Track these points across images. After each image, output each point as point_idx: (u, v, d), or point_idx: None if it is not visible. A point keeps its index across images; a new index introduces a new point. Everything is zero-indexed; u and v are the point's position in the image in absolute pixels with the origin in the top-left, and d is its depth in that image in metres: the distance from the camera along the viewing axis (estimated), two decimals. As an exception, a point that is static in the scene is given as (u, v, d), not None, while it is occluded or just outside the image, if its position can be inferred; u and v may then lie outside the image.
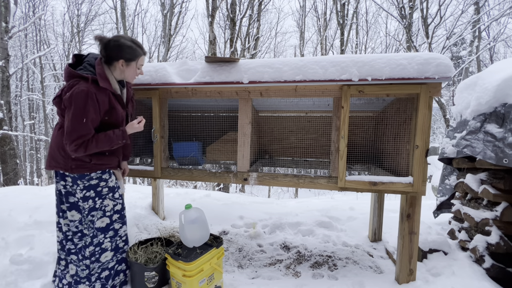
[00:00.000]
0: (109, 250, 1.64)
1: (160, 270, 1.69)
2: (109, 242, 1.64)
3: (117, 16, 13.88)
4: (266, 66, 1.84)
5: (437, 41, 8.53)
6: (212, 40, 7.75)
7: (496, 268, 1.80)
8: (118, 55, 1.50)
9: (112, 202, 1.65)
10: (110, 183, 1.64)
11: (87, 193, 1.56)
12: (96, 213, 1.59)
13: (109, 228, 1.64)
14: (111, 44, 1.50)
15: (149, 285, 1.65)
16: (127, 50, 1.52)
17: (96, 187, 1.58)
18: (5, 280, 1.77)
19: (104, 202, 1.61)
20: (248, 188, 11.21)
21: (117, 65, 1.53)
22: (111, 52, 1.50)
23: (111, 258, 1.65)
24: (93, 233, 1.60)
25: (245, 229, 2.83)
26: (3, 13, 6.31)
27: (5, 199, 2.78)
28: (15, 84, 17.00)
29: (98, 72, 1.48)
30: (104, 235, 1.62)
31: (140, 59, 1.59)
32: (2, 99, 6.54)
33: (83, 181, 1.55)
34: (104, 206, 1.61)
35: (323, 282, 1.95)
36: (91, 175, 1.55)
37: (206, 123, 2.64)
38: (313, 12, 15.20)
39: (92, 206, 1.58)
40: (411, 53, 1.74)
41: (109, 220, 1.64)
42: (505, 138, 1.63)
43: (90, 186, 1.56)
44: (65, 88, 1.48)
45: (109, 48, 1.50)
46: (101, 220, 1.61)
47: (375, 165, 2.33)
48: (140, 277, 1.65)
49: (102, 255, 1.62)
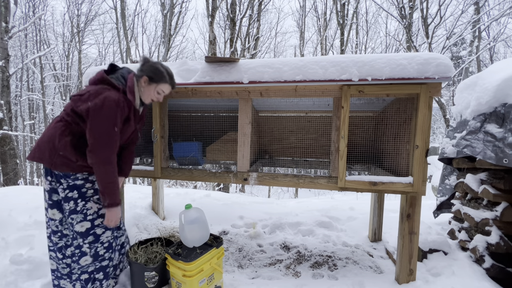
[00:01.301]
0: (88, 255, 1.55)
1: (160, 270, 1.69)
2: (88, 248, 1.54)
3: (117, 16, 13.88)
4: (266, 66, 1.84)
5: (437, 41, 8.53)
6: (212, 40, 7.75)
7: (496, 268, 1.80)
8: (145, 73, 1.57)
9: (97, 205, 1.56)
10: (96, 185, 1.55)
11: (69, 193, 1.48)
12: (75, 216, 1.50)
13: (88, 233, 1.53)
14: (149, 63, 1.60)
15: (149, 285, 1.64)
16: (155, 71, 1.58)
17: (81, 188, 1.50)
18: (5, 280, 1.77)
19: (87, 204, 1.52)
20: (248, 188, 11.21)
21: (141, 81, 1.59)
22: (142, 69, 1.59)
23: (91, 263, 1.56)
24: (73, 235, 1.54)
25: (245, 229, 2.83)
26: (3, 13, 6.31)
27: (5, 199, 2.78)
28: (15, 84, 17.01)
29: (128, 85, 1.54)
30: (83, 239, 1.52)
31: (162, 85, 1.61)
32: (2, 99, 6.54)
33: (67, 180, 1.47)
34: (86, 209, 1.51)
35: (323, 282, 1.95)
36: (77, 175, 1.49)
37: (206, 123, 2.64)
38: (313, 12, 15.22)
39: (72, 209, 1.49)
40: (411, 53, 1.74)
41: (90, 225, 1.53)
42: (505, 138, 1.63)
43: (74, 186, 1.49)
44: (92, 91, 1.45)
45: (143, 65, 1.59)
46: (81, 225, 1.51)
47: (375, 165, 2.33)
48: (140, 277, 1.64)
49: (82, 259, 1.54)
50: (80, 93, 1.49)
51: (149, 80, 1.58)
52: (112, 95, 1.43)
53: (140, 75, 1.58)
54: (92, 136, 1.40)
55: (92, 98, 1.42)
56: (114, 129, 1.43)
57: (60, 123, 1.48)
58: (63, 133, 1.45)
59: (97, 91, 1.45)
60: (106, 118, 1.40)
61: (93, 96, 1.43)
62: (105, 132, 1.41)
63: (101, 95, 1.42)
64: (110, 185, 1.44)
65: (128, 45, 12.58)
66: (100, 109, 1.39)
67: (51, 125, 1.50)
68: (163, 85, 1.61)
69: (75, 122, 1.46)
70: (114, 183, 1.46)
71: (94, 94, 1.44)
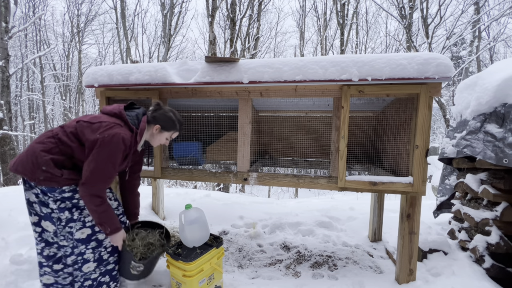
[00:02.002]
0: (92, 261, 1.49)
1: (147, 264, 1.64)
2: (91, 253, 1.48)
3: (117, 16, 13.88)
4: (266, 66, 1.84)
5: (437, 41, 8.54)
6: (212, 40, 7.75)
7: (496, 268, 1.80)
8: (159, 121, 1.62)
9: None
10: None
11: (61, 204, 1.43)
12: (74, 225, 1.44)
13: (90, 239, 1.48)
14: (161, 110, 1.64)
15: (133, 272, 1.62)
16: (168, 121, 1.64)
17: (71, 199, 1.44)
18: (5, 280, 1.77)
19: (83, 212, 1.47)
20: (248, 188, 11.21)
21: (152, 128, 1.62)
22: (156, 116, 1.62)
23: (94, 270, 1.50)
24: (73, 244, 1.47)
25: (245, 229, 2.83)
26: (3, 13, 6.31)
27: (5, 199, 2.78)
28: (15, 84, 17.01)
29: (141, 128, 1.56)
30: (85, 246, 1.47)
31: (173, 134, 1.70)
32: (2, 99, 6.54)
33: (54, 194, 1.42)
34: (83, 217, 1.46)
35: (323, 282, 1.95)
36: (63, 188, 1.42)
37: (206, 123, 2.64)
38: (313, 12, 15.22)
39: (69, 218, 1.44)
40: (411, 53, 1.74)
41: (91, 231, 1.48)
42: (505, 138, 1.63)
43: (63, 198, 1.43)
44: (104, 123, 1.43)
45: (157, 112, 1.63)
46: (81, 232, 1.45)
47: (375, 165, 2.33)
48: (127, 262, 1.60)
49: (85, 266, 1.48)
50: (91, 120, 1.46)
51: (161, 128, 1.63)
52: (123, 133, 1.42)
53: (152, 121, 1.62)
54: (89, 169, 1.37)
55: (102, 131, 1.40)
56: (114, 167, 1.42)
57: (51, 139, 1.43)
58: (49, 150, 1.39)
59: (109, 124, 1.43)
60: (110, 155, 1.39)
61: (104, 128, 1.41)
62: (104, 168, 1.39)
63: (112, 130, 1.40)
64: (104, 215, 1.42)
65: (128, 45, 12.59)
66: (107, 145, 1.37)
67: (40, 139, 1.44)
68: (173, 133, 1.70)
69: (69, 145, 1.42)
70: (107, 212, 1.43)
71: (105, 127, 1.42)
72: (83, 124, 1.44)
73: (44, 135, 1.46)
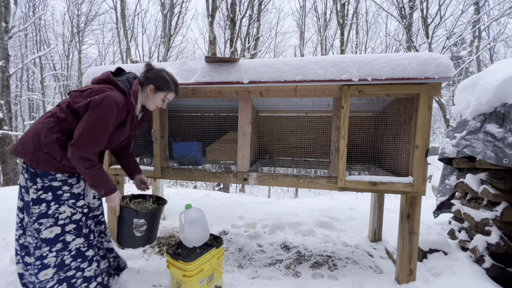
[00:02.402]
0: (51, 267, 1.38)
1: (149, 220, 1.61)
2: (53, 257, 1.38)
3: (117, 16, 13.88)
4: (266, 66, 1.84)
5: (437, 41, 8.54)
6: (212, 40, 7.75)
7: (496, 268, 1.80)
8: (152, 81, 1.57)
9: (71, 209, 1.42)
10: (75, 189, 1.44)
11: (42, 195, 1.36)
12: (45, 221, 1.36)
13: (58, 240, 1.38)
14: (153, 70, 1.60)
15: (136, 234, 1.58)
16: (161, 80, 1.59)
17: (56, 190, 1.39)
18: (5, 280, 1.77)
19: (60, 208, 1.39)
20: (248, 188, 11.21)
21: (146, 89, 1.58)
22: (148, 76, 1.58)
23: (52, 277, 1.38)
24: (36, 244, 1.37)
25: (245, 229, 2.83)
26: (3, 13, 6.31)
27: (5, 199, 2.78)
28: (15, 84, 17.01)
29: (133, 89, 1.52)
30: (49, 247, 1.37)
31: (168, 94, 1.64)
32: (2, 99, 6.54)
33: (44, 180, 1.36)
34: (58, 213, 1.38)
35: (323, 282, 1.95)
36: (56, 176, 1.38)
37: (206, 123, 2.64)
38: (313, 12, 15.22)
39: (43, 212, 1.36)
40: (411, 53, 1.74)
41: (60, 230, 1.39)
42: (505, 138, 1.63)
43: (49, 187, 1.37)
44: (94, 88, 1.41)
45: (148, 73, 1.59)
46: (50, 230, 1.37)
47: (375, 165, 2.33)
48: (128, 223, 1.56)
49: (42, 272, 1.36)
50: (81, 89, 1.43)
51: (155, 88, 1.58)
52: (114, 95, 1.38)
53: (145, 83, 1.57)
54: (79, 131, 1.33)
55: (93, 95, 1.38)
56: (105, 130, 1.37)
57: (50, 118, 1.40)
58: (51, 129, 1.37)
59: (99, 88, 1.41)
60: (100, 117, 1.34)
61: (95, 93, 1.39)
62: (94, 130, 1.34)
63: (103, 93, 1.37)
64: (95, 177, 1.39)
65: (128, 45, 12.59)
66: (97, 106, 1.34)
67: (40, 120, 1.42)
68: (169, 94, 1.64)
69: (67, 120, 1.39)
70: (98, 175, 1.40)
71: (96, 91, 1.39)
72: (73, 94, 1.42)
73: (43, 116, 1.44)
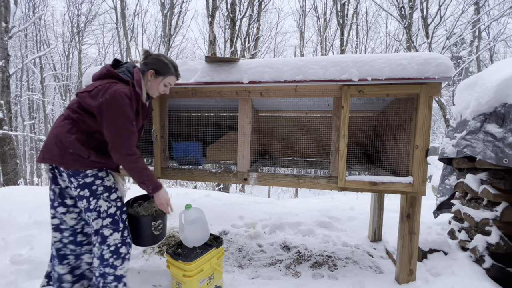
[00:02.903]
0: (96, 258, 1.49)
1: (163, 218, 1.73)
2: (96, 248, 1.48)
3: (117, 16, 13.87)
4: (266, 66, 1.84)
5: (437, 41, 8.53)
6: (212, 40, 7.75)
7: (496, 268, 1.80)
8: (151, 66, 1.57)
9: (106, 203, 1.48)
10: (106, 182, 1.50)
11: (81, 192, 1.44)
12: (90, 214, 1.47)
13: (98, 232, 1.48)
14: (151, 56, 1.59)
15: (156, 233, 1.69)
16: (161, 64, 1.58)
17: (91, 186, 1.45)
18: (5, 280, 1.77)
19: (98, 202, 1.47)
20: (248, 188, 11.21)
21: (147, 76, 1.58)
22: (147, 62, 1.58)
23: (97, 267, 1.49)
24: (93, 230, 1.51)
25: (245, 229, 2.83)
26: (3, 13, 6.31)
27: (5, 199, 2.78)
28: (15, 84, 17.01)
29: (136, 79, 1.53)
30: (96, 237, 1.49)
31: (169, 78, 1.63)
32: (2, 99, 6.53)
33: (77, 179, 1.43)
34: (98, 207, 1.46)
35: (323, 282, 1.95)
36: (86, 172, 1.44)
37: (206, 123, 2.64)
38: (313, 12, 15.22)
39: (86, 207, 1.46)
40: (411, 53, 1.74)
41: (101, 223, 1.47)
42: (505, 138, 1.63)
43: (84, 184, 1.44)
44: (99, 86, 1.42)
45: (148, 59, 1.58)
46: (96, 222, 1.47)
47: (375, 165, 2.33)
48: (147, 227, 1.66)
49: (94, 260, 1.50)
50: (87, 89, 1.45)
51: (155, 73, 1.57)
52: (122, 88, 1.40)
53: (145, 69, 1.57)
54: (110, 133, 1.38)
55: (102, 94, 1.39)
56: (130, 121, 1.40)
57: (65, 121, 1.44)
58: (69, 131, 1.41)
59: (105, 86, 1.41)
60: (120, 112, 1.37)
61: (103, 91, 1.39)
62: (122, 126, 1.38)
63: (111, 90, 1.38)
64: (144, 172, 1.45)
65: (128, 45, 12.59)
66: (112, 104, 1.36)
67: (56, 124, 1.46)
68: (170, 77, 1.63)
69: (82, 119, 1.43)
70: (146, 169, 1.46)
71: (103, 89, 1.40)
72: (82, 95, 1.44)
73: (58, 120, 1.47)
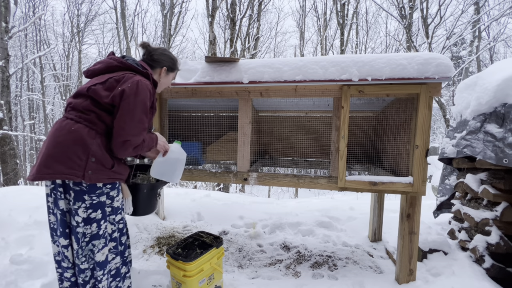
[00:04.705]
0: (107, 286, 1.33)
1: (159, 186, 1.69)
2: (106, 280, 1.30)
3: (117, 16, 13.87)
4: (266, 66, 1.84)
5: (437, 41, 8.53)
6: (212, 40, 7.75)
7: (496, 268, 1.80)
8: (163, 63, 1.52)
9: (112, 226, 1.32)
10: (115, 203, 1.32)
11: (92, 214, 1.22)
12: (97, 243, 1.24)
13: (107, 261, 1.29)
14: (159, 51, 1.52)
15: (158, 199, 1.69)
16: (171, 60, 1.56)
17: (104, 206, 1.26)
18: (5, 280, 1.77)
19: (107, 226, 1.29)
20: (248, 188, 11.21)
21: (158, 72, 1.52)
22: (158, 58, 1.50)
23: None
24: (93, 266, 1.27)
25: (245, 229, 2.83)
26: (3, 13, 6.31)
27: (5, 199, 2.78)
28: (15, 84, 17.00)
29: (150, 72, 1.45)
30: (102, 271, 1.27)
31: (177, 73, 1.62)
32: (2, 99, 6.53)
33: (92, 196, 1.21)
34: (106, 232, 1.28)
35: (323, 282, 1.95)
36: (103, 189, 1.25)
37: (206, 123, 2.64)
38: (313, 12, 15.20)
39: (95, 233, 1.23)
40: (411, 53, 1.74)
41: (107, 251, 1.30)
42: (505, 138, 1.63)
43: (98, 204, 1.23)
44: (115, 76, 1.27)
45: (156, 54, 1.50)
46: (102, 252, 1.26)
47: (375, 165, 2.33)
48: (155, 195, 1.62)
49: None
50: (99, 81, 1.27)
51: (168, 70, 1.53)
52: (144, 80, 1.30)
53: (157, 65, 1.49)
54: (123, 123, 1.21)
55: (122, 83, 1.25)
56: (146, 116, 1.30)
57: (79, 124, 1.20)
58: (91, 135, 1.20)
59: (124, 75, 1.28)
60: (140, 104, 1.25)
61: (123, 80, 1.26)
62: (139, 119, 1.25)
63: (133, 79, 1.26)
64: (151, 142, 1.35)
65: (128, 45, 12.59)
66: (136, 93, 1.23)
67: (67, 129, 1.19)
68: (176, 73, 1.63)
69: (101, 119, 1.24)
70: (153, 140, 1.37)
71: (122, 79, 1.26)
72: (95, 88, 1.24)
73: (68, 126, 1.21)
